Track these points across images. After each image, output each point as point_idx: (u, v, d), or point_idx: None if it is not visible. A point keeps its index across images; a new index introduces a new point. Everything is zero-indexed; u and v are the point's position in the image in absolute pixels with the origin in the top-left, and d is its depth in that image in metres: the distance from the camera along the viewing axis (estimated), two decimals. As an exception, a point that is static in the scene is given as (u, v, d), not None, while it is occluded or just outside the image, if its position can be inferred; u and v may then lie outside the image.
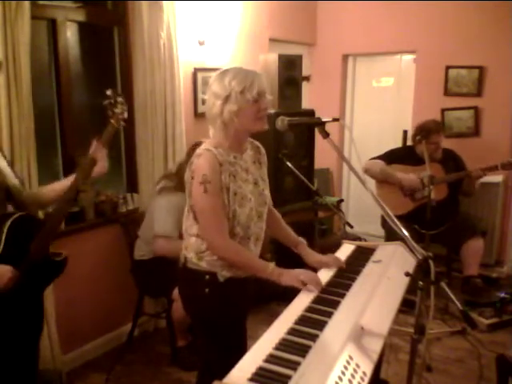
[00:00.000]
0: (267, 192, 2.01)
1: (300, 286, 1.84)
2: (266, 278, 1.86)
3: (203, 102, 3.87)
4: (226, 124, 1.82)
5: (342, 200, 4.74)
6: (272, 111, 3.71)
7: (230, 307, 1.94)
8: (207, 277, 1.89)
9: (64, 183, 2.17)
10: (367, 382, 1.33)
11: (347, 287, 1.89)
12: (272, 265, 1.88)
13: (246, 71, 1.83)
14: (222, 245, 1.84)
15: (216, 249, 1.85)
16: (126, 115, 2.19)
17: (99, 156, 2.14)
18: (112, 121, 2.15)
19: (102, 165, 2.15)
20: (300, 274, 1.86)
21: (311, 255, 2.13)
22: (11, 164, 2.30)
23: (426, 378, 2.83)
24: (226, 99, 1.78)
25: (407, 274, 1.63)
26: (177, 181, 2.87)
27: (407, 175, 3.85)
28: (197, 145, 2.02)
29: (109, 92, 2.16)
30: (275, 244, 3.66)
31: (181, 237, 2.84)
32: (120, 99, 2.16)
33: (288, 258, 2.23)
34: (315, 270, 2.06)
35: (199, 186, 1.79)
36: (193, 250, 1.91)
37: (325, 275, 1.99)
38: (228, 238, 1.85)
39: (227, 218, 1.84)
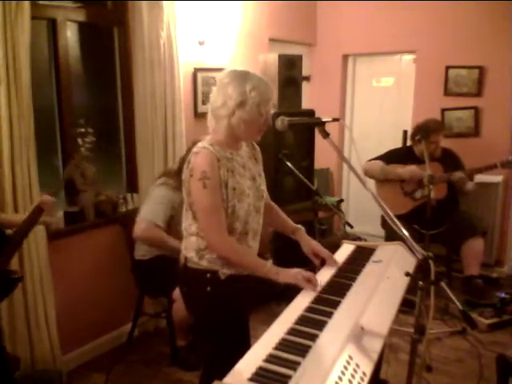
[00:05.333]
0: (264, 187, 2.03)
1: (297, 283, 1.84)
2: (263, 277, 1.87)
3: (203, 101, 3.87)
4: (232, 127, 1.83)
5: (342, 200, 4.74)
6: (272, 111, 3.72)
7: (232, 304, 1.94)
8: (208, 275, 1.89)
9: (19, 219, 2.22)
10: (367, 381, 1.33)
11: (347, 287, 1.89)
12: (269, 263, 1.89)
13: (265, 84, 1.85)
14: (220, 242, 1.85)
15: (214, 246, 1.86)
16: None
17: (47, 206, 2.17)
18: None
19: (48, 214, 2.21)
20: (297, 272, 1.86)
21: (306, 241, 2.12)
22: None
23: (426, 378, 2.83)
24: (241, 105, 1.79)
25: (407, 274, 1.63)
26: (177, 179, 2.86)
27: (407, 167, 3.85)
28: (196, 142, 2.02)
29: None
30: (275, 244, 3.67)
31: (166, 231, 2.85)
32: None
33: (288, 258, 2.22)
34: (314, 270, 2.06)
35: (198, 182, 1.79)
36: (193, 249, 1.91)
37: (325, 275, 1.99)
38: (226, 235, 1.85)
39: (226, 214, 1.84)
